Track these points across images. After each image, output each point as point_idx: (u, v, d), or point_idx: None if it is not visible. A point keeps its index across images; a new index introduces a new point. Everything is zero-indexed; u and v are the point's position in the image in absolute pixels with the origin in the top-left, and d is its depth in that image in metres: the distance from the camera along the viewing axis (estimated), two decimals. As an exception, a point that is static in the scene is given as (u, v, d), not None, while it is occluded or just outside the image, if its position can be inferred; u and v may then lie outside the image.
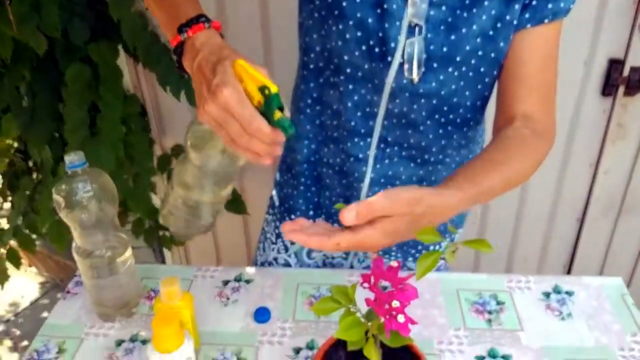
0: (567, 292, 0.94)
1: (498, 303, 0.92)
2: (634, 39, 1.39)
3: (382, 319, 0.56)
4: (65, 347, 0.86)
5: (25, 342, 2.02)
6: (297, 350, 0.84)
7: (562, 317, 0.90)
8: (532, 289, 0.95)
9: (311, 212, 1.02)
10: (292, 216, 1.04)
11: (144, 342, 0.86)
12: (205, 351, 0.84)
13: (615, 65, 1.41)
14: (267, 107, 0.60)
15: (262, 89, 0.60)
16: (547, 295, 0.94)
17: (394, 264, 0.58)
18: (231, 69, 0.61)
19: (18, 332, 2.08)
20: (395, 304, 0.54)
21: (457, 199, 0.65)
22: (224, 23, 1.42)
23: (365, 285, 0.58)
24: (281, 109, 0.60)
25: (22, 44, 1.09)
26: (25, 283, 2.32)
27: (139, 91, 1.52)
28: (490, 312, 0.90)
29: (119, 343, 0.86)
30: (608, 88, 1.44)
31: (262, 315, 0.89)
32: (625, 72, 1.43)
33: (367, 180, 0.93)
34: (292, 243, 1.06)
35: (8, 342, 2.05)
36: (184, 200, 0.81)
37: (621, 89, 1.45)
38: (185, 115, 1.59)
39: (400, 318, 0.53)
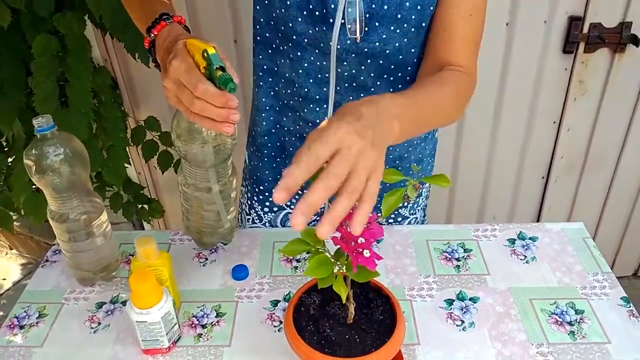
0: (530, 238, 0.99)
1: (465, 251, 0.96)
2: (592, -4, 1.43)
3: (349, 257, 0.59)
4: (45, 312, 0.87)
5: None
6: (275, 303, 0.87)
7: (527, 261, 0.94)
8: (498, 236, 1.00)
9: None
10: (261, 187, 1.06)
11: (125, 303, 0.88)
12: (185, 308, 0.86)
13: (575, 22, 1.44)
14: (209, 68, 0.62)
15: (203, 53, 0.62)
16: (512, 241, 0.98)
17: None
18: (182, 45, 0.65)
19: (1, 313, 2.08)
20: (361, 240, 0.56)
21: (388, 97, 0.62)
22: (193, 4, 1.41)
23: None
24: (222, 69, 0.62)
25: (-15, 16, 1.07)
26: (7, 265, 2.32)
27: (109, 64, 1.51)
28: (458, 259, 0.94)
29: (100, 305, 0.88)
30: (568, 45, 1.47)
31: (240, 272, 0.92)
32: (585, 29, 1.46)
33: None
34: (265, 212, 1.08)
35: (-8, 324, 2.05)
36: (195, 202, 0.86)
37: (581, 46, 1.48)
38: (157, 87, 1.58)
39: (366, 253, 0.56)
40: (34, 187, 1.21)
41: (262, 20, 0.85)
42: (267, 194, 1.06)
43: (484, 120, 1.64)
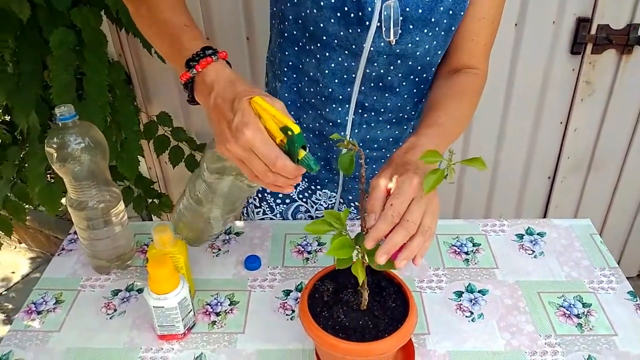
0: (538, 234, 1.00)
1: (474, 245, 0.98)
2: (600, -3, 1.44)
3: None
4: (62, 298, 0.89)
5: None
6: (287, 293, 0.88)
7: (535, 256, 0.95)
8: (506, 231, 1.01)
9: None
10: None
11: (140, 290, 0.90)
12: (199, 296, 0.88)
13: (583, 23, 1.46)
14: (290, 146, 0.63)
15: (285, 129, 0.62)
16: (520, 236, 1.00)
17: None
18: (249, 106, 0.63)
19: (10, 306, 2.10)
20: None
21: (424, 139, 0.74)
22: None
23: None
24: (304, 147, 0.63)
25: (5, 10, 1.10)
26: (16, 259, 2.34)
27: (123, 59, 1.53)
28: (467, 253, 0.96)
29: (116, 293, 0.90)
30: (576, 46, 1.49)
31: (252, 262, 0.93)
32: (593, 31, 1.47)
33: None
34: (277, 204, 1.10)
35: (1, 316, 2.07)
36: (193, 211, 0.85)
37: (589, 47, 1.50)
38: (169, 84, 1.61)
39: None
40: (48, 177, 1.23)
41: (290, 17, 0.84)
42: (280, 186, 1.07)
43: (492, 119, 1.66)
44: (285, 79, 0.93)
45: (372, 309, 0.70)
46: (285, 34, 0.88)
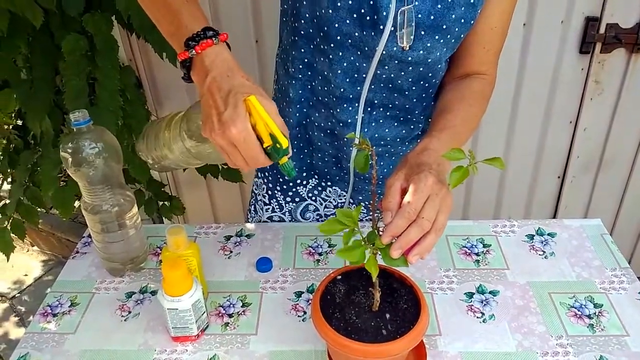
0: (549, 234, 1.00)
1: (485, 246, 0.98)
2: (609, -4, 1.44)
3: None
4: (77, 301, 0.91)
5: (30, 318, 2.07)
6: (299, 294, 0.89)
7: (545, 256, 0.95)
8: (517, 232, 1.01)
9: (304, 174, 1.07)
10: (285, 177, 1.08)
11: (154, 293, 0.91)
12: (212, 298, 0.89)
13: (591, 23, 1.45)
14: (274, 152, 0.68)
15: (274, 138, 0.67)
16: (531, 237, 1.00)
17: None
18: (242, 104, 0.66)
19: (23, 309, 2.13)
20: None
21: (437, 142, 0.77)
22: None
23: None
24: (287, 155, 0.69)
25: (18, 16, 1.11)
26: (28, 262, 2.37)
27: (134, 64, 1.55)
28: (477, 254, 0.96)
29: (130, 295, 0.91)
30: (585, 46, 1.49)
31: (264, 264, 0.94)
32: (602, 30, 1.47)
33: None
34: (287, 202, 1.11)
35: (14, 319, 2.10)
36: (156, 147, 0.84)
37: (598, 46, 1.49)
38: (179, 88, 1.62)
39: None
40: (62, 182, 1.25)
41: (307, 15, 0.85)
42: (290, 184, 1.08)
43: (501, 119, 1.66)
44: (300, 76, 0.93)
45: (384, 311, 0.70)
46: (302, 32, 0.88)
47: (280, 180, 1.09)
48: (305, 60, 0.91)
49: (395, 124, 0.95)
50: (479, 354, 0.78)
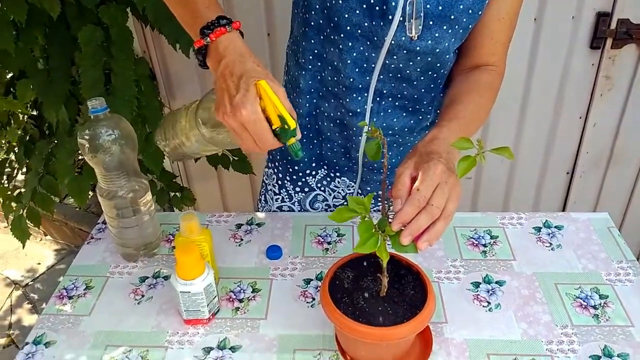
0: (556, 227, 1.01)
1: (492, 237, 0.99)
2: (620, -8, 1.44)
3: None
4: (92, 284, 0.93)
5: (43, 305, 2.11)
6: (308, 281, 0.91)
7: (552, 248, 0.96)
8: (524, 224, 1.02)
9: (313, 164, 1.09)
10: (295, 167, 1.10)
11: (166, 277, 0.93)
12: (223, 284, 0.91)
13: (602, 18, 1.46)
14: (283, 133, 0.70)
15: (282, 120, 0.69)
16: (538, 229, 1.01)
17: None
18: (253, 88, 0.69)
19: (36, 297, 2.17)
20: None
21: (447, 131, 0.78)
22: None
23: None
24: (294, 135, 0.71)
25: (36, 7, 1.14)
26: (41, 250, 2.41)
27: (147, 56, 1.57)
28: (484, 245, 0.97)
29: (143, 279, 0.93)
30: (596, 41, 1.49)
31: (274, 252, 0.96)
32: (613, 25, 1.47)
33: (364, 134, 0.98)
34: (297, 192, 1.12)
35: (27, 306, 2.14)
36: (173, 136, 0.86)
37: (609, 42, 1.49)
38: (192, 80, 1.64)
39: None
40: (77, 171, 1.27)
41: (317, 6, 0.87)
42: (300, 174, 1.10)
43: (510, 114, 1.66)
44: (310, 66, 0.96)
45: (391, 296, 0.72)
46: (312, 23, 0.90)
47: (290, 170, 1.11)
48: (315, 51, 0.93)
49: (404, 114, 0.96)
50: (485, 341, 0.79)
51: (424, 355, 0.76)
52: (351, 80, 0.91)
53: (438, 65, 0.89)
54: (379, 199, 1.13)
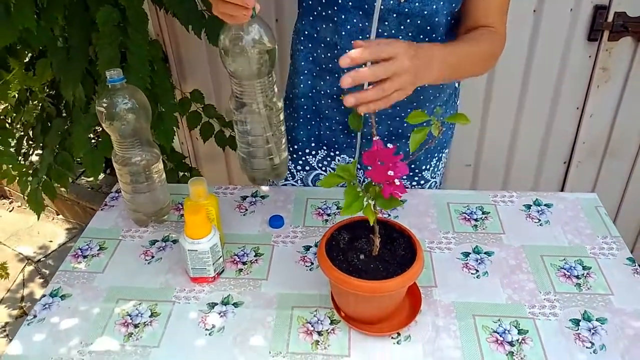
0: (546, 205, 1.06)
1: (484, 213, 1.04)
2: (618, -15, 1.48)
3: (378, 188, 0.68)
4: (105, 245, 0.99)
5: (54, 282, 2.19)
6: (307, 248, 0.97)
7: (541, 224, 1.01)
8: (515, 202, 1.07)
9: (313, 144, 1.14)
10: (295, 146, 1.15)
11: (175, 241, 0.99)
12: (228, 248, 0.97)
13: (600, 11, 1.49)
14: None
15: None
16: (528, 207, 1.06)
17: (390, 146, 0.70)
18: None
19: (47, 272, 2.24)
20: (390, 172, 0.66)
21: (435, 45, 0.85)
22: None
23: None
24: None
25: (57, -12, 1.20)
26: (54, 229, 2.49)
27: (161, 39, 1.63)
28: (476, 220, 1.03)
29: (153, 242, 0.99)
30: (593, 33, 1.53)
31: (276, 221, 1.02)
32: (609, 18, 1.51)
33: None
34: (298, 170, 1.18)
35: (39, 280, 2.22)
36: (247, 143, 0.94)
37: (605, 34, 1.53)
38: (203, 64, 1.70)
39: (396, 181, 0.65)
40: (92, 143, 1.33)
41: None
42: (300, 153, 1.15)
43: (508, 104, 1.70)
44: (302, 47, 1.02)
45: (383, 256, 0.77)
46: (304, 4, 0.96)
47: (291, 148, 1.16)
48: (306, 32, 0.99)
49: None
50: (471, 304, 0.85)
51: (413, 313, 0.81)
52: (347, 52, 0.96)
53: (428, 28, 0.93)
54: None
